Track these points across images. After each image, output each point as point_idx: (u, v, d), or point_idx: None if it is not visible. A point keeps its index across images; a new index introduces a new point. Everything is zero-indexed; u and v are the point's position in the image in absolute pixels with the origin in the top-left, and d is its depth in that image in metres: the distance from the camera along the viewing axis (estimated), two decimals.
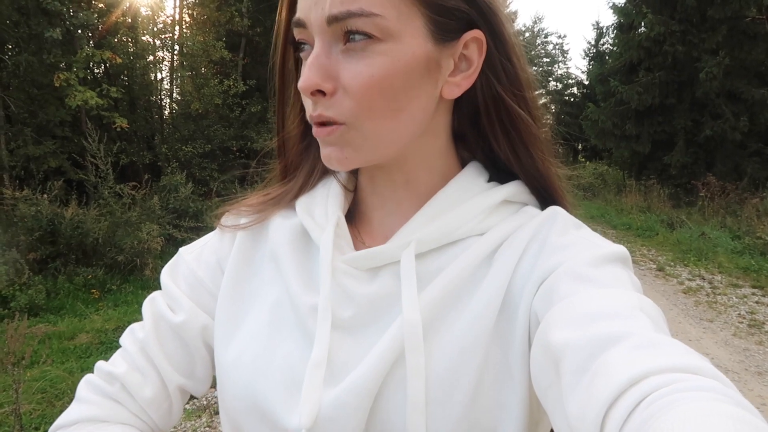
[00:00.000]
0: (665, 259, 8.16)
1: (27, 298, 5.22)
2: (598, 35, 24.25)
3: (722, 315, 5.53)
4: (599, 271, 0.50)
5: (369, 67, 0.51)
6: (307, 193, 0.68)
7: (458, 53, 0.57)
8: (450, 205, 0.60)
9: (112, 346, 4.51)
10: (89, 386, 0.64)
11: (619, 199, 14.28)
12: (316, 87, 0.52)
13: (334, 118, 0.53)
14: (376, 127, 0.54)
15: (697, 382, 0.35)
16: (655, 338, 0.40)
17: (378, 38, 0.51)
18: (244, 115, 11.45)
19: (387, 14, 0.51)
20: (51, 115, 8.39)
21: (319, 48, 0.53)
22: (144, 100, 11.14)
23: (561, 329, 0.44)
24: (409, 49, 0.53)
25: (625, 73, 14.31)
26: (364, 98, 0.52)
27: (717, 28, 12.02)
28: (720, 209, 10.73)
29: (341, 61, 0.52)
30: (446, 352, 0.54)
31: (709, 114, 12.58)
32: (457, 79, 0.57)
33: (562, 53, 38.05)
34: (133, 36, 10.27)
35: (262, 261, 0.66)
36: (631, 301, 0.45)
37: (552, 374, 0.44)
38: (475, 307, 0.55)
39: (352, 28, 0.51)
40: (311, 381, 0.54)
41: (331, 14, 0.51)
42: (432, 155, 0.62)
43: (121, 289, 6.10)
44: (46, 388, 3.62)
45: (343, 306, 0.58)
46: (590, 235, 0.57)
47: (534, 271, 0.54)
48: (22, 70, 8.04)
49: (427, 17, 0.53)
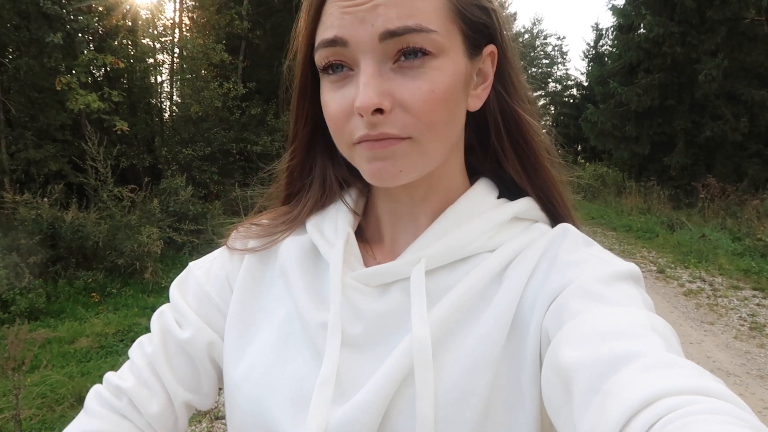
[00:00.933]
0: (666, 261, 8.15)
1: (27, 302, 5.22)
2: (598, 37, 24.28)
3: (723, 318, 5.52)
4: (610, 289, 0.50)
5: (428, 83, 0.52)
6: (318, 213, 0.67)
7: (478, 67, 0.58)
8: (460, 221, 0.60)
9: (113, 350, 4.51)
10: (98, 399, 0.65)
11: (619, 200, 14.28)
12: (377, 106, 0.51)
13: (397, 135, 0.52)
14: (434, 141, 0.54)
15: (710, 404, 0.34)
16: (668, 359, 0.40)
17: (433, 54, 0.52)
18: (244, 118, 11.45)
19: (439, 30, 0.52)
20: (51, 118, 8.38)
21: (372, 66, 0.51)
22: (144, 103, 11.14)
23: (572, 348, 0.44)
24: (454, 63, 0.54)
25: (624, 75, 14.32)
26: (426, 113, 0.52)
27: (716, 29, 12.03)
28: (720, 211, 10.72)
29: (394, 78, 0.52)
30: (456, 370, 0.53)
31: (708, 115, 12.58)
32: (478, 92, 0.59)
33: (562, 55, 38.06)
34: (133, 39, 10.27)
35: (272, 278, 0.66)
36: (642, 320, 0.45)
37: (563, 394, 0.43)
38: (485, 325, 0.54)
39: (410, 45, 0.51)
40: (319, 398, 0.54)
41: (388, 29, 0.50)
42: (453, 170, 0.63)
43: (121, 293, 6.10)
44: (46, 393, 3.61)
45: (352, 322, 0.58)
46: (601, 253, 0.57)
47: (544, 289, 0.53)
48: (22, 74, 8.04)
49: (463, 33, 0.55)
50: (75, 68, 7.99)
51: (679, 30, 12.46)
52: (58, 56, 7.90)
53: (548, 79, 36.91)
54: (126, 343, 4.66)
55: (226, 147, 10.98)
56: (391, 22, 0.50)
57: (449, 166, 0.62)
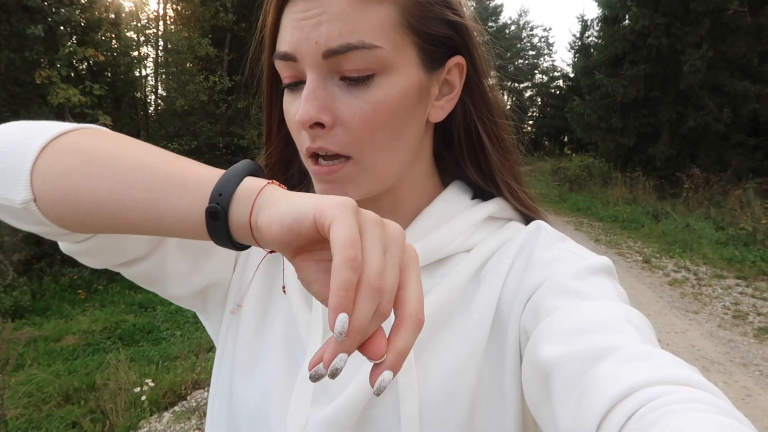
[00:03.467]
0: (651, 251, 8.23)
1: (12, 300, 5.17)
2: (583, 28, 24.33)
3: (707, 306, 5.60)
4: (585, 284, 0.50)
5: (369, 103, 0.51)
6: None
7: (442, 78, 0.58)
8: (436, 223, 0.61)
9: (100, 347, 4.49)
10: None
11: (605, 191, 14.37)
12: (315, 120, 0.51)
13: (336, 151, 0.53)
14: (377, 160, 0.54)
15: (687, 393, 0.35)
16: (644, 350, 0.40)
17: (377, 71, 0.51)
18: (230, 111, 11.37)
19: (384, 45, 0.51)
20: (34, 113, 8.25)
21: (315, 81, 0.52)
22: (129, 96, 11.01)
23: (549, 345, 0.45)
24: (405, 79, 0.53)
25: (610, 66, 14.39)
26: (366, 133, 0.52)
27: (700, 21, 12.11)
28: (704, 200, 10.84)
29: (338, 94, 0.52)
30: (440, 372, 0.54)
31: (692, 106, 12.69)
32: (441, 103, 0.59)
33: (548, 46, 38.12)
34: (116, 32, 10.14)
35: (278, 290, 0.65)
36: (617, 313, 0.46)
37: (543, 390, 0.44)
38: (466, 328, 0.55)
39: (352, 66, 0.50)
40: (299, 397, 0.54)
41: (330, 48, 0.50)
42: (418, 179, 0.63)
43: (107, 289, 6.05)
44: (32, 392, 3.58)
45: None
46: (574, 248, 0.58)
47: (521, 287, 0.54)
48: (3, 68, 7.91)
49: (418, 46, 0.54)
50: (56, 62, 7.87)
51: (664, 21, 12.53)
52: (39, 49, 7.78)
53: (535, 70, 36.97)
54: (113, 340, 4.63)
55: (212, 141, 10.90)
56: (334, 40, 0.50)
57: (412, 177, 0.62)
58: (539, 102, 34.34)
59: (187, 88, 10.43)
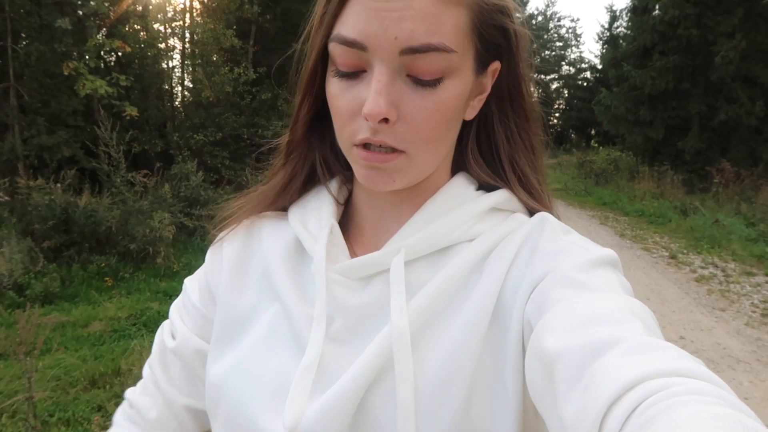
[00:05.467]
0: (678, 246, 8.09)
1: (42, 286, 5.29)
2: (612, 18, 23.97)
3: (735, 304, 5.49)
4: (589, 276, 0.50)
5: (435, 104, 0.52)
6: (299, 204, 0.68)
7: (480, 80, 0.59)
8: (440, 212, 0.61)
9: (125, 333, 4.58)
10: (121, 410, 0.74)
11: (631, 185, 14.17)
12: (385, 116, 0.51)
13: (394, 146, 0.54)
14: (426, 155, 0.56)
15: (691, 385, 0.35)
16: (648, 342, 0.40)
17: (446, 75, 0.52)
18: (255, 103, 11.45)
19: (458, 50, 0.52)
20: (63, 104, 8.43)
21: (386, 76, 0.51)
22: (155, 88, 11.16)
23: (554, 336, 0.45)
24: (462, 82, 0.54)
25: (638, 57, 14.14)
26: (426, 131, 0.53)
27: (733, 10, 11.81)
28: (734, 196, 10.61)
29: (405, 91, 0.52)
30: (436, 360, 0.54)
31: (724, 99, 12.41)
32: (474, 102, 0.60)
33: (575, 37, 37.59)
34: (144, 24, 10.27)
35: (257, 276, 0.66)
36: (621, 305, 0.46)
37: (547, 381, 0.44)
38: (465, 316, 0.55)
39: (429, 68, 0.51)
40: (299, 385, 0.54)
41: (411, 46, 0.50)
42: (439, 171, 0.63)
43: (133, 277, 6.16)
44: (60, 375, 3.68)
45: (335, 316, 0.58)
46: (579, 240, 0.57)
47: (525, 278, 0.54)
48: (33, 60, 8.08)
49: (477, 52, 0.55)
50: (84, 53, 8.01)
51: (695, 11, 12.25)
52: (68, 41, 7.93)
53: (562, 62, 36.50)
54: (138, 327, 4.72)
55: (237, 132, 11.00)
56: (415, 38, 0.49)
57: (437, 169, 0.62)
58: (566, 94, 33.91)
59: (213, 79, 10.53)
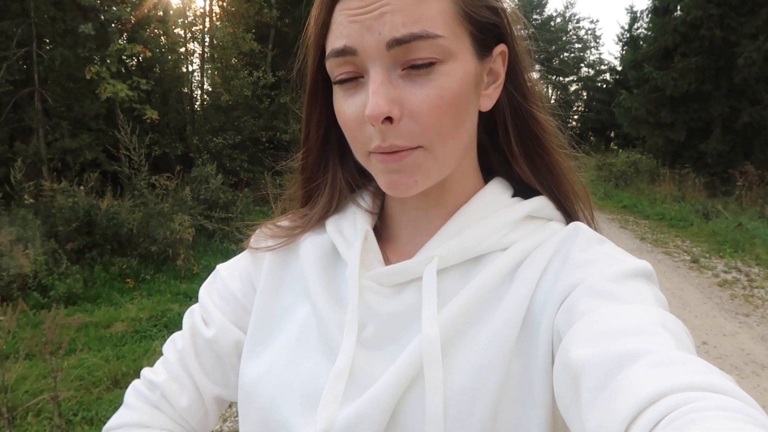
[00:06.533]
0: (700, 250, 7.96)
1: (65, 287, 5.39)
2: (632, 20, 23.67)
3: (759, 309, 5.38)
4: (621, 287, 0.49)
5: (436, 90, 0.52)
6: (337, 213, 0.68)
7: (488, 67, 0.58)
8: (474, 220, 0.60)
9: (146, 334, 4.64)
10: (135, 392, 0.70)
11: (652, 188, 13.97)
12: (387, 114, 0.51)
13: (407, 146, 0.53)
14: (445, 148, 0.55)
15: (717, 401, 0.34)
16: (676, 356, 0.40)
17: (440, 60, 0.52)
18: (273, 106, 11.54)
19: (446, 34, 0.52)
20: (86, 108, 8.58)
21: (381, 75, 0.52)
22: (176, 92, 11.30)
23: (581, 346, 0.44)
24: (463, 66, 0.54)
25: (659, 59, 13.94)
26: (435, 121, 0.52)
27: (757, 11, 11.60)
28: (758, 199, 10.42)
29: (403, 85, 0.52)
30: (465, 368, 0.53)
31: (747, 100, 12.18)
32: (489, 91, 0.59)
33: (595, 39, 37.30)
34: (164, 29, 10.41)
35: (293, 279, 0.67)
36: (653, 318, 0.45)
37: (572, 392, 0.43)
38: (495, 324, 0.54)
39: (417, 55, 0.51)
40: (331, 391, 0.55)
41: (394, 38, 0.50)
42: (467, 171, 0.63)
43: (154, 279, 6.24)
44: (83, 375, 3.74)
45: (367, 323, 0.59)
46: (613, 251, 0.56)
47: (556, 288, 0.53)
48: (57, 64, 8.24)
49: (471, 35, 0.55)
50: (106, 58, 8.14)
51: (717, 12, 12.06)
52: (91, 46, 8.07)
53: (581, 63, 36.18)
54: (159, 328, 4.78)
55: (255, 135, 11.10)
56: (397, 29, 0.50)
57: (462, 168, 0.62)
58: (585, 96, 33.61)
59: (232, 83, 10.64)
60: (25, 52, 7.97)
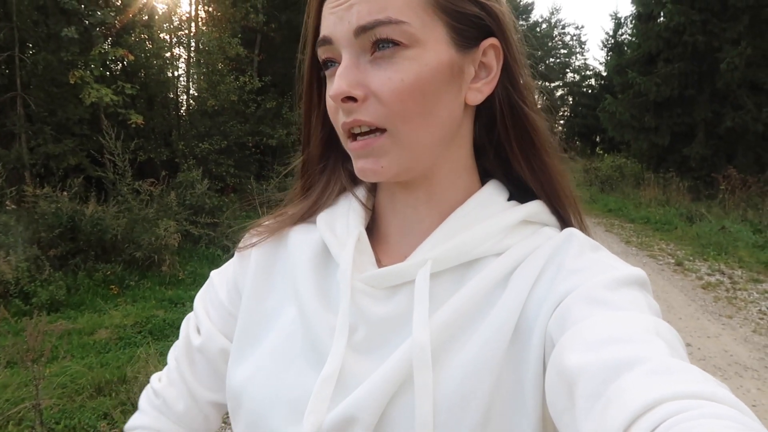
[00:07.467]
0: (684, 253, 8.05)
1: (48, 294, 5.30)
2: (617, 26, 23.95)
3: (742, 311, 5.45)
4: (615, 294, 0.49)
5: (398, 73, 0.54)
6: (329, 209, 0.67)
7: (478, 60, 0.59)
8: (469, 223, 0.60)
9: (131, 341, 4.58)
10: (145, 396, 0.74)
11: (637, 192, 14.11)
12: (347, 93, 0.54)
13: (371, 122, 0.55)
14: (410, 132, 0.55)
15: (713, 409, 0.34)
16: (671, 363, 0.40)
17: (405, 45, 0.54)
18: (260, 111, 11.50)
19: (412, 22, 0.53)
20: (70, 113, 8.48)
21: (348, 59, 0.55)
22: (161, 97, 11.22)
23: (575, 353, 0.44)
24: (434, 54, 0.55)
25: (643, 64, 14.12)
26: (396, 103, 0.54)
27: (739, 17, 11.79)
28: (741, 202, 10.57)
29: (370, 70, 0.55)
30: (456, 374, 0.53)
31: (730, 105, 12.37)
32: (479, 86, 0.59)
33: (580, 44, 37.59)
34: (149, 34, 10.34)
35: (281, 278, 0.66)
36: (646, 325, 0.45)
37: (566, 399, 0.43)
38: (487, 330, 0.54)
39: (380, 37, 0.53)
40: (319, 394, 0.54)
41: (360, 25, 0.53)
42: (457, 169, 0.62)
43: (139, 285, 6.17)
44: (66, 383, 3.68)
45: (358, 326, 0.58)
46: (607, 258, 0.56)
47: (549, 295, 0.53)
48: (40, 69, 8.15)
49: (448, 25, 0.56)
50: (90, 62, 8.07)
51: (700, 18, 12.24)
52: (74, 50, 7.99)
53: (566, 69, 36.51)
54: (144, 335, 4.72)
55: (242, 140, 11.04)
56: (363, 18, 0.53)
57: (450, 166, 0.61)
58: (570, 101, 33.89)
59: (218, 88, 10.59)
60: (7, 56, 7.88)
